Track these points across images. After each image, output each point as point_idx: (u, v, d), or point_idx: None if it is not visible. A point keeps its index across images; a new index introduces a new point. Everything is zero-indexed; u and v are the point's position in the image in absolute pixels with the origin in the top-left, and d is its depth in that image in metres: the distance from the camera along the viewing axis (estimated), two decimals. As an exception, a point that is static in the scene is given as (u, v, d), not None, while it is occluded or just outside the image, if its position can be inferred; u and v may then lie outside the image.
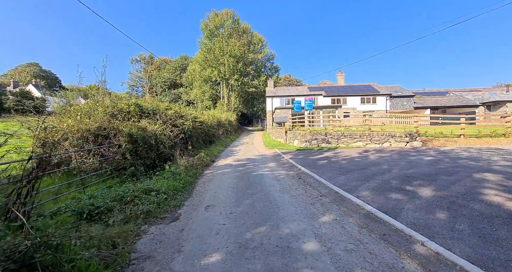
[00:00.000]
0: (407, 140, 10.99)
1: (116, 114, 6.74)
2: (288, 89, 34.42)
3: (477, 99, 32.09)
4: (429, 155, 8.53)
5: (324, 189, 5.39)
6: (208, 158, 9.80)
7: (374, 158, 8.77)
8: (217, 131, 18.59)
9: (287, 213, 4.00)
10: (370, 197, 4.56)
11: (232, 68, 33.23)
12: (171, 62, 61.27)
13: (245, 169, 8.12)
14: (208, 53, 33.61)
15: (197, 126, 13.03)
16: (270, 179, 6.62)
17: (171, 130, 8.21)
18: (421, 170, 6.35)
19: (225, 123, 24.38)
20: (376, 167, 7.12)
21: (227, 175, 7.32)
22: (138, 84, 60.90)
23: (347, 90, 32.13)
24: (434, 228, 3.18)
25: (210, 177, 7.04)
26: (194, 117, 13.42)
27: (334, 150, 11.47)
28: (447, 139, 10.98)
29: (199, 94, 43.05)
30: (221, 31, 34.40)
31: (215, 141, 16.86)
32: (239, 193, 5.25)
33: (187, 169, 6.89)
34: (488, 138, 10.60)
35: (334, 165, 8.01)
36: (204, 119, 14.93)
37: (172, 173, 5.99)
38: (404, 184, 5.22)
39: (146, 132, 6.89)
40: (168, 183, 5.32)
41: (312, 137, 13.54)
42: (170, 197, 4.74)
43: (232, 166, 8.81)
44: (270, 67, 42.33)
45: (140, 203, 4.11)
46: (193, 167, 7.48)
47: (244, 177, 6.93)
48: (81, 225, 3.20)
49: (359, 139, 12.05)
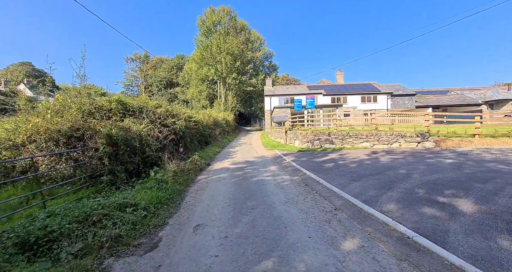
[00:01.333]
0: (419, 141, 10.18)
1: (93, 112, 5.81)
2: (287, 88, 33.57)
3: (479, 98, 31.54)
4: (448, 157, 7.72)
5: (338, 200, 4.53)
6: (202, 161, 8.90)
7: (386, 160, 7.94)
8: (213, 131, 17.67)
9: (298, 237, 3.12)
10: (397, 212, 3.70)
11: (230, 67, 32.30)
12: (167, 61, 60.14)
13: (243, 174, 7.24)
14: (205, 51, 32.61)
15: (191, 126, 12.11)
16: (272, 186, 5.74)
17: (160, 130, 7.29)
18: (447, 175, 5.51)
19: (222, 122, 23.46)
20: (392, 172, 6.28)
21: (223, 181, 6.42)
22: (133, 84, 59.70)
23: (347, 89, 31.38)
24: (506, 264, 2.32)
25: (204, 184, 6.14)
26: (188, 116, 12.49)
27: (339, 151, 10.64)
28: (461, 139, 10.20)
29: (196, 93, 42.05)
30: (218, 28, 33.44)
31: (212, 141, 15.95)
32: (236, 206, 4.36)
33: (176, 175, 5.98)
34: (505, 138, 9.85)
35: (342, 168, 7.16)
36: (199, 119, 14.01)
37: (158, 181, 5.07)
38: (434, 194, 4.38)
39: (129, 132, 5.97)
40: (151, 194, 4.40)
41: (315, 137, 12.70)
42: (151, 214, 3.84)
43: (229, 170, 7.91)
44: (268, 66, 41.47)
45: (110, 224, 3.20)
46: (184, 172, 6.58)
47: (243, 184, 6.04)
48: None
49: (366, 139, 11.23)
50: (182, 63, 53.97)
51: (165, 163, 6.28)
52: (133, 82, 59.80)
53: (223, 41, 31.34)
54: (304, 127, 16.49)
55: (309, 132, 13.35)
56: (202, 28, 32.96)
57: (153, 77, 55.45)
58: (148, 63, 60.59)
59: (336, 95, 30.50)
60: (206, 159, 9.87)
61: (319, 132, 12.89)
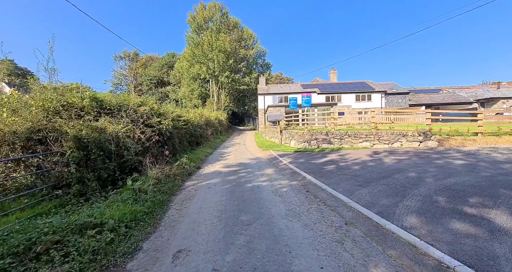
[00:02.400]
0: (421, 140, 9.72)
1: (60, 111, 4.95)
2: (281, 87, 32.98)
3: (470, 96, 31.87)
4: (456, 158, 7.23)
5: (347, 211, 3.89)
6: (192, 164, 8.12)
7: (391, 162, 7.39)
8: (205, 131, 16.84)
9: (307, 267, 2.44)
10: (422, 228, 3.08)
11: (222, 65, 31.40)
12: (158, 59, 58.59)
13: (237, 179, 6.52)
14: (196, 48, 31.60)
15: (180, 126, 11.28)
16: (269, 194, 5.05)
17: (143, 131, 6.47)
18: (464, 179, 4.96)
19: (215, 122, 22.62)
20: (401, 175, 5.70)
21: (214, 188, 5.68)
22: (123, 83, 57.82)
23: (341, 87, 31.08)
24: None
25: (191, 193, 5.38)
26: (177, 115, 11.64)
27: (338, 152, 10.06)
28: (464, 137, 9.81)
29: (187, 92, 40.92)
30: (209, 25, 32.46)
31: (203, 142, 15.13)
32: (229, 222, 3.64)
33: (159, 183, 5.19)
34: (508, 137, 9.52)
35: (345, 171, 6.55)
36: (190, 118, 13.17)
37: (135, 191, 4.29)
38: (458, 203, 3.79)
39: (104, 134, 5.15)
40: (124, 209, 3.62)
41: (311, 137, 12.10)
42: (121, 236, 3.06)
43: (221, 175, 7.18)
44: (261, 64, 40.75)
45: (60, 256, 2.42)
46: (169, 178, 5.80)
47: (236, 191, 5.32)
48: None
49: (365, 138, 10.70)
50: (173, 61, 52.57)
51: (147, 168, 5.48)
52: (122, 81, 57.92)
53: (215, 38, 30.42)
54: (300, 126, 15.91)
55: (306, 131, 12.75)
56: (192, 25, 31.90)
57: (143, 76, 53.85)
58: (137, 61, 58.84)
59: (330, 93, 30.15)
60: (196, 161, 9.09)
61: (316, 131, 12.30)
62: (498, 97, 29.58)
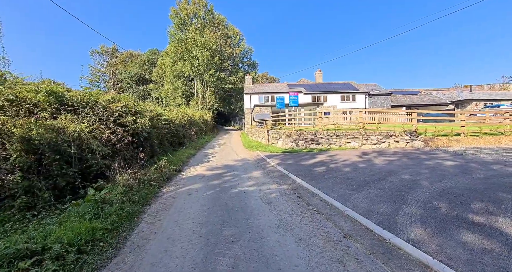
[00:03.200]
0: (408, 140, 9.70)
1: (4, 106, 4.09)
2: (267, 86, 32.64)
3: (446, 98, 33.51)
4: (445, 158, 7.16)
5: (344, 221, 3.48)
6: (172, 167, 7.41)
7: (381, 163, 7.17)
8: (188, 131, 16.01)
9: (306, 302, 1.95)
10: (431, 241, 2.72)
11: (207, 62, 30.43)
12: (139, 56, 56.06)
13: (221, 183, 5.94)
14: (179, 45, 30.35)
15: (161, 125, 10.47)
16: (257, 201, 4.54)
17: (114, 131, 5.69)
18: (459, 182, 4.76)
19: (199, 122, 21.76)
20: (394, 178, 5.44)
21: (196, 195, 5.07)
22: (100, 80, 54.64)
23: (327, 88, 31.36)
24: None
25: (169, 201, 4.73)
26: (157, 114, 10.81)
27: (326, 153, 9.79)
28: (448, 138, 9.94)
29: (171, 90, 39.40)
30: (193, 21, 31.33)
31: (186, 143, 14.32)
32: (211, 239, 3.08)
33: (130, 191, 4.50)
34: (488, 137, 9.78)
35: (336, 174, 6.20)
36: (171, 117, 12.34)
37: (96, 203, 3.58)
38: (461, 209, 3.51)
39: (62, 134, 4.36)
40: (78, 227, 2.93)
41: (299, 137, 11.77)
42: (70, 265, 2.40)
43: (204, 179, 6.56)
44: (247, 63, 40.17)
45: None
46: (143, 185, 5.10)
47: (220, 198, 4.76)
48: None
49: (354, 139, 10.54)
50: (156, 58, 50.54)
51: (116, 174, 4.75)
52: (100, 78, 54.76)
53: (200, 35, 29.41)
54: (287, 126, 15.58)
55: (293, 131, 12.41)
56: (175, 20, 30.59)
57: (123, 73, 51.26)
58: (117, 58, 55.94)
59: (316, 94, 30.31)
60: (177, 164, 8.37)
61: (304, 131, 11.99)
62: (471, 99, 31.32)
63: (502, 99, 31.84)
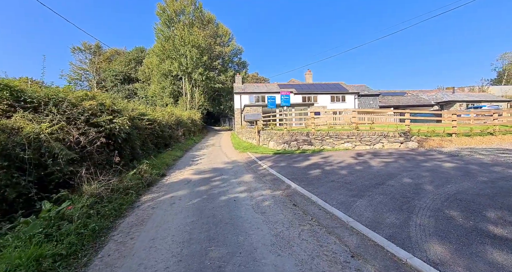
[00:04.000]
0: (402, 140, 9.52)
1: None
2: (257, 86, 32.19)
3: (431, 99, 34.45)
4: (442, 160, 6.95)
5: (349, 235, 3.03)
6: (154, 171, 6.74)
7: (378, 165, 6.85)
8: (175, 131, 15.23)
9: None
10: (456, 263, 2.30)
11: (196, 61, 29.55)
12: (124, 54, 54.02)
13: (209, 190, 5.37)
14: (166, 43, 29.30)
15: (144, 125, 9.72)
16: (249, 210, 4.02)
17: (84, 131, 4.98)
18: (465, 186, 4.46)
19: (187, 122, 20.93)
20: (395, 181, 5.09)
21: (179, 204, 4.47)
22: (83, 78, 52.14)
23: (317, 88, 31.35)
24: None
25: (146, 213, 4.11)
26: (140, 113, 10.05)
27: (320, 154, 9.42)
28: (441, 138, 9.87)
29: (158, 90, 38.09)
30: (181, 18, 30.36)
31: (173, 144, 13.56)
32: (192, 265, 2.51)
33: (100, 202, 3.83)
34: (479, 137, 9.79)
35: (333, 177, 5.79)
36: (156, 117, 11.57)
37: (52, 220, 2.92)
38: (478, 219, 3.14)
39: (16, 136, 3.64)
40: (19, 256, 2.28)
41: (291, 138, 11.37)
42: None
43: (190, 184, 5.95)
44: (237, 62, 39.54)
45: None
46: (117, 194, 4.43)
47: (207, 208, 4.19)
48: None
49: (347, 139, 10.25)
50: (142, 56, 48.85)
51: (83, 182, 4.06)
52: (82, 76, 52.26)
53: (188, 33, 28.50)
54: (278, 127, 15.16)
55: (285, 132, 11.99)
56: (162, 17, 29.51)
57: (107, 71, 49.17)
58: (100, 55, 53.65)
59: (307, 94, 30.19)
60: (161, 168, 7.69)
61: (297, 132, 11.60)
62: (455, 100, 32.37)
63: (482, 101, 33.15)
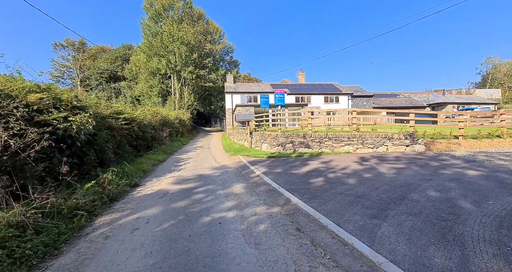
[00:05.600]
0: (407, 143, 8.71)
1: None
2: (250, 86, 31.15)
3: (423, 101, 34.53)
4: (460, 166, 6.11)
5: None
6: (123, 181, 5.53)
7: (388, 172, 5.93)
8: (160, 132, 13.91)
9: None
10: None
11: (185, 58, 28.19)
12: (110, 51, 51.71)
13: (188, 206, 4.24)
14: (154, 39, 27.79)
15: (119, 125, 8.46)
16: (239, 241, 2.94)
17: (16, 132, 3.75)
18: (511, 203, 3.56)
19: (175, 122, 19.60)
20: (418, 194, 4.15)
21: (143, 232, 3.33)
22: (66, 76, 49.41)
23: (310, 89, 30.68)
24: None
25: (95, 246, 2.95)
26: (115, 111, 8.78)
27: (319, 158, 8.47)
28: (448, 141, 9.14)
29: (146, 89, 36.34)
30: (170, 13, 28.92)
31: (156, 146, 12.27)
32: None
33: (18, 236, 2.65)
34: (487, 140, 9.14)
35: (341, 188, 4.81)
36: (136, 116, 10.28)
37: None
38: None
39: None
40: None
41: (287, 139, 10.38)
42: None
43: (166, 198, 4.80)
44: (229, 61, 38.36)
45: None
46: (61, 217, 3.24)
47: (181, 238, 3.08)
48: None
49: (348, 142, 9.35)
50: (129, 54, 46.83)
51: (2, 204, 2.86)
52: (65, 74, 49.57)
53: (177, 29, 27.12)
54: (272, 128, 14.16)
55: (280, 133, 10.99)
56: (149, 11, 27.98)
57: (92, 69, 46.81)
58: (85, 52, 51.15)
59: (300, 94, 29.45)
60: (134, 176, 6.47)
61: (292, 133, 10.62)
62: (446, 102, 32.53)
63: (472, 103, 33.51)
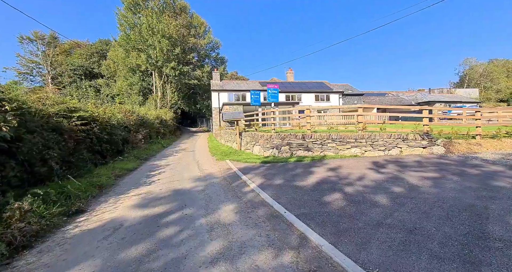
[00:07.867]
0: (425, 145, 7.53)
1: None
2: (237, 83, 29.52)
3: (411, 99, 34.59)
4: (506, 174, 4.91)
5: None
6: (54, 209, 3.77)
7: (421, 183, 4.60)
8: (134, 134, 11.96)
9: None
10: None
11: (167, 53, 26.01)
12: (86, 46, 47.89)
13: (145, 258, 2.60)
14: (132, 31, 25.38)
15: (72, 126, 6.58)
16: None
17: None
18: None
19: (154, 122, 17.56)
20: (503, 228, 2.79)
21: None
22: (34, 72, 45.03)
23: (301, 87, 29.57)
24: None
25: None
26: (67, 109, 6.88)
27: (323, 163, 7.07)
28: (467, 141, 8.09)
29: (125, 87, 33.65)
30: (149, 4, 26.60)
31: (128, 150, 10.35)
32: None
33: None
34: (508, 140, 8.20)
35: (373, 213, 3.37)
36: (98, 114, 8.34)
37: None
38: None
39: None
40: None
41: (283, 141, 8.91)
42: None
43: (113, 239, 3.12)
44: (215, 58, 36.41)
45: None
46: None
47: None
48: None
49: (355, 143, 8.03)
50: (107, 49, 43.54)
51: None
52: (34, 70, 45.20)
53: (157, 21, 24.90)
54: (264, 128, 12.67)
55: (274, 134, 9.50)
56: (126, 0, 25.52)
57: (65, 65, 43.02)
58: (57, 47, 46.95)
59: (290, 92, 28.24)
60: (81, 196, 4.67)
61: (289, 134, 9.16)
62: (434, 100, 32.70)
63: (457, 101, 34.00)
